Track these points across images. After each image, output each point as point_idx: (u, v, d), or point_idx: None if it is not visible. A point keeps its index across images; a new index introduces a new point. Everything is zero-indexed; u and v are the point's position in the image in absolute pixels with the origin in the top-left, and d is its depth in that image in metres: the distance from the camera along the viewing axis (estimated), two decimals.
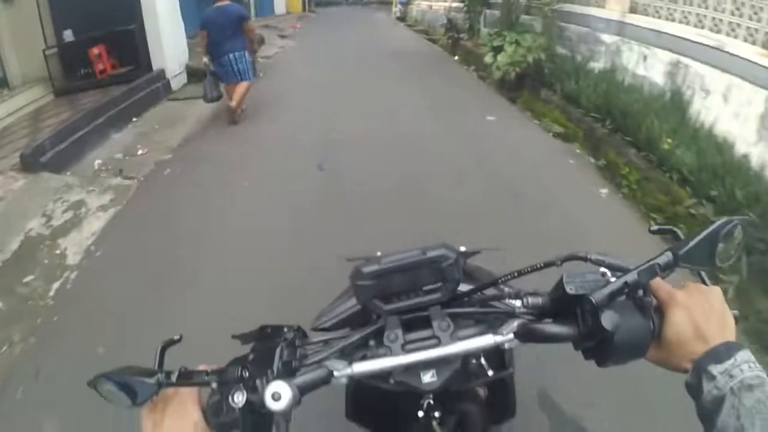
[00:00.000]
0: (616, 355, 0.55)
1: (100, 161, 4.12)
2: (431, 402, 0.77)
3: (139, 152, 4.30)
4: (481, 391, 0.94)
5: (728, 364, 0.50)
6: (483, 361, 0.70)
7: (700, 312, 0.55)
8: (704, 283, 0.61)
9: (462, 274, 0.68)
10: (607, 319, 0.53)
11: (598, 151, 3.69)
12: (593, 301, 0.53)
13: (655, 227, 0.72)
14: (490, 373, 0.71)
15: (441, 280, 0.66)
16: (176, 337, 0.66)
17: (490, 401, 0.95)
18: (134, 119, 5.19)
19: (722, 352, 0.51)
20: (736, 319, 0.57)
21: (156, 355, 0.63)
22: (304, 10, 18.74)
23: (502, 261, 1.36)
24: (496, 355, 0.79)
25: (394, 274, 0.65)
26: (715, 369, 0.50)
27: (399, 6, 15.91)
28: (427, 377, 0.63)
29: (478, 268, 1.01)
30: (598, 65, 4.69)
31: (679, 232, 0.67)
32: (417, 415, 0.78)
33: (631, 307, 0.55)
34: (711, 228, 0.56)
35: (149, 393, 0.58)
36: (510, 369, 0.91)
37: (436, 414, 0.77)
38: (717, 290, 0.58)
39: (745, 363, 0.50)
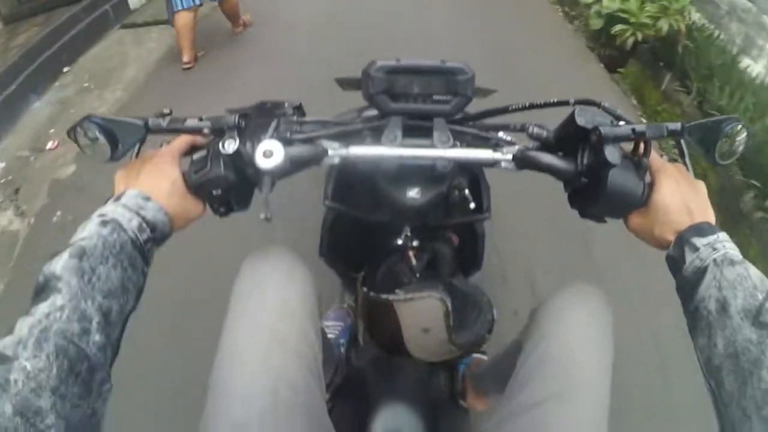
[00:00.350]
0: (603, 204, 0.58)
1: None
2: (408, 234, 0.81)
3: (48, 145, 2.77)
4: (454, 237, 0.95)
5: (712, 238, 0.53)
6: (467, 193, 0.71)
7: (687, 190, 0.59)
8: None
9: (473, 94, 0.68)
10: (611, 153, 0.55)
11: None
12: (602, 132, 0.55)
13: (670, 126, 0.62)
14: (472, 205, 0.72)
15: (453, 93, 0.67)
16: (166, 110, 0.62)
17: (459, 249, 0.95)
18: (65, 69, 3.52)
19: (706, 228, 0.55)
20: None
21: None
22: None
23: None
24: (476, 198, 0.77)
25: (407, 74, 0.66)
26: (699, 241, 0.53)
27: None
28: (412, 193, 0.67)
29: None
30: (756, 67, 3.00)
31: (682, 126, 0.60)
32: (395, 243, 0.81)
33: (629, 164, 0.58)
34: (717, 118, 0.56)
35: (132, 141, 0.58)
36: (486, 214, 0.87)
37: (414, 243, 0.82)
38: (702, 183, 0.61)
39: (728, 241, 0.53)
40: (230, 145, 0.56)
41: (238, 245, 1.08)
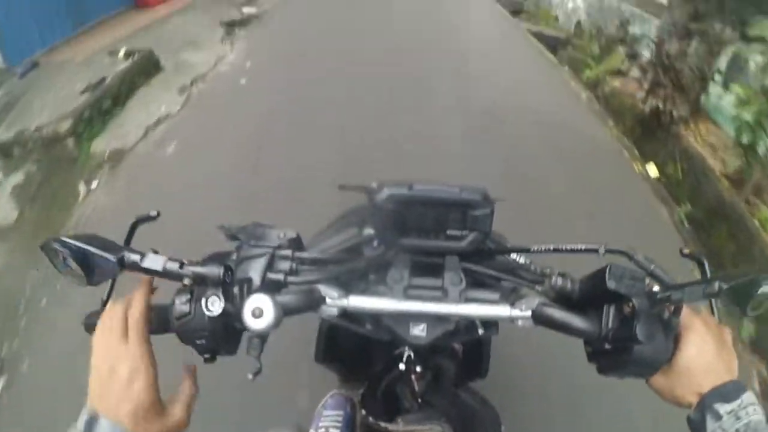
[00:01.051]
0: (626, 367, 0.54)
1: None
2: (411, 355, 0.76)
3: None
4: (458, 347, 0.91)
5: (735, 404, 0.51)
6: (477, 320, 0.67)
7: (714, 346, 0.55)
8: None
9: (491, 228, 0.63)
10: (642, 330, 0.51)
11: None
12: (635, 305, 0.52)
13: (686, 251, 0.66)
14: (481, 331, 0.68)
15: (469, 228, 0.61)
16: (153, 213, 0.61)
17: (464, 358, 0.92)
18: None
19: (730, 391, 0.52)
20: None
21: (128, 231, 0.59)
22: None
23: None
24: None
25: (420, 205, 0.59)
26: (722, 408, 0.51)
27: None
28: (417, 330, 0.61)
29: (500, 235, 0.83)
30: None
31: (705, 263, 0.63)
32: (396, 366, 0.77)
33: (658, 325, 0.53)
34: (754, 275, 0.53)
35: (108, 273, 0.55)
36: (495, 330, 0.77)
37: (417, 369, 0.77)
38: (728, 329, 0.59)
39: (751, 405, 0.51)
40: (214, 305, 0.52)
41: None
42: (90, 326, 0.56)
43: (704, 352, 0.55)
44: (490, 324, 0.71)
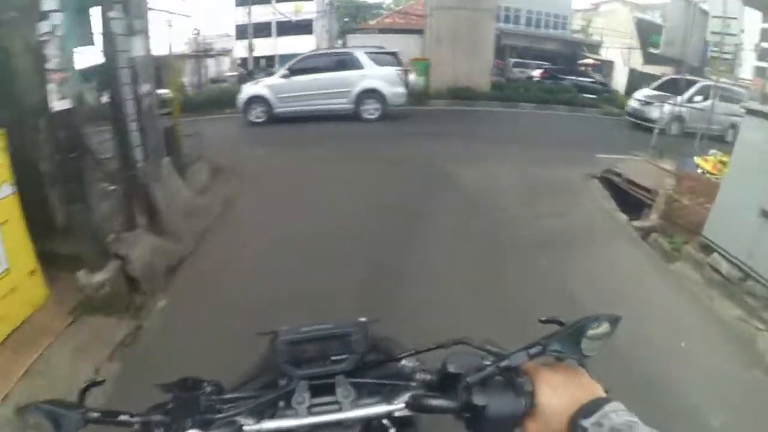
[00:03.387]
0: (490, 427, 0.63)
1: None
2: None
3: None
4: None
5: (597, 415, 0.56)
6: (385, 421, 0.75)
7: (567, 380, 0.63)
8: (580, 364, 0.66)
9: (367, 347, 0.80)
10: (479, 397, 0.63)
11: None
12: (468, 380, 0.64)
13: (543, 318, 0.75)
14: (392, 431, 0.76)
15: (348, 351, 0.78)
16: (99, 379, 0.78)
17: None
18: None
19: (591, 407, 0.58)
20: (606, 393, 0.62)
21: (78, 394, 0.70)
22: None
23: None
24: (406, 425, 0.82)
25: (307, 342, 0.78)
26: (586, 422, 0.56)
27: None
28: None
29: (385, 338, 1.05)
30: None
31: (564, 323, 0.68)
32: None
33: (506, 386, 0.64)
34: (577, 323, 0.64)
35: (74, 427, 0.66)
36: (413, 428, 0.88)
37: None
38: (582, 370, 0.66)
39: (612, 412, 0.56)
40: None
41: None
42: None
43: (560, 387, 0.63)
44: (407, 423, 0.81)
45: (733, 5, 8.99)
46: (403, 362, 0.81)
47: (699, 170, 5.46)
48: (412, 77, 11.53)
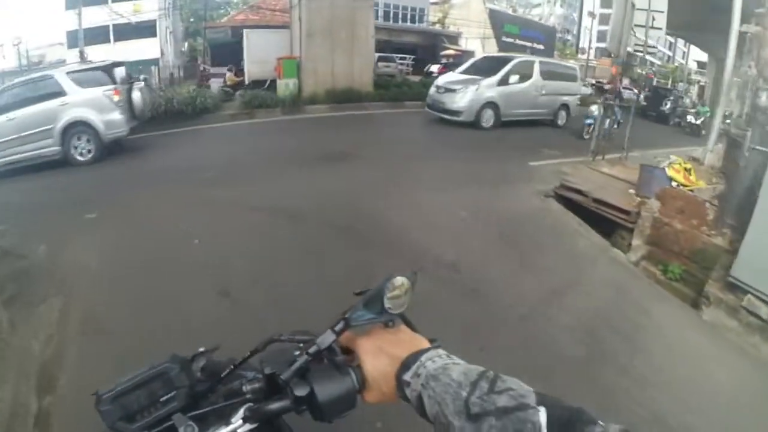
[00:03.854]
0: (328, 410, 0.64)
1: None
2: None
3: None
4: None
5: (414, 367, 0.60)
6: None
7: (388, 345, 0.66)
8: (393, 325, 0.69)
9: (191, 378, 0.76)
10: (299, 388, 0.64)
11: None
12: (281, 378, 0.65)
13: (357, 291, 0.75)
14: None
15: (173, 388, 0.74)
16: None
17: None
18: None
19: (409, 361, 0.61)
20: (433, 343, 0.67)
21: None
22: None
23: None
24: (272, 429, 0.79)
25: (130, 393, 0.72)
26: (407, 375, 0.60)
27: None
28: None
29: (217, 362, 0.93)
30: None
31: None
32: None
33: (330, 369, 0.66)
34: (375, 287, 0.67)
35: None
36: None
37: None
38: (404, 328, 0.69)
39: (429, 360, 0.60)
40: None
41: None
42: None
43: (380, 354, 0.65)
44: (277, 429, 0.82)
45: None
46: (242, 377, 0.77)
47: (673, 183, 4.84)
48: (136, 95, 8.05)
